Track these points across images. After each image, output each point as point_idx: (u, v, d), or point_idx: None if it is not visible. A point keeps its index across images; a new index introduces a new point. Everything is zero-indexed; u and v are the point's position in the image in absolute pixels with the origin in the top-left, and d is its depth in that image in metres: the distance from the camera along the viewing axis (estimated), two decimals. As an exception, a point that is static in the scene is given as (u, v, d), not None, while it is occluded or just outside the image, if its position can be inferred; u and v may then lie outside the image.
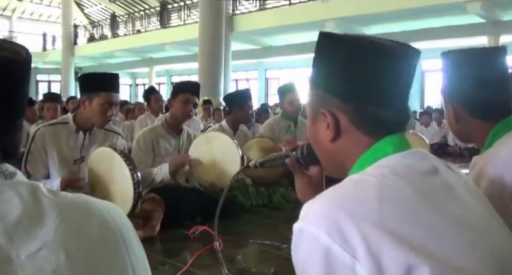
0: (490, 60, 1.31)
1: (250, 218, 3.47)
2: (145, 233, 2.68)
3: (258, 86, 20.61)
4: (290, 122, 4.47)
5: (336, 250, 0.70)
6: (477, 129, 1.30)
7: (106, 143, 2.79)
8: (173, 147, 3.41)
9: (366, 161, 0.85)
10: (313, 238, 0.72)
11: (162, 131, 3.39)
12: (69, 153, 2.70)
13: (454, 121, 1.33)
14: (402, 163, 0.82)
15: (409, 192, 0.77)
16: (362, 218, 0.71)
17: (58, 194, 0.66)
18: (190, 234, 2.84)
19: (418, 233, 0.72)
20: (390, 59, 0.86)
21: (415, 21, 12.10)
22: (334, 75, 0.89)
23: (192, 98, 3.34)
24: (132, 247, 0.68)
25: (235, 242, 2.78)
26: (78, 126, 2.72)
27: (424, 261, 0.68)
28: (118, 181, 2.43)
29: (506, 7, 10.76)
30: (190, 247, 2.68)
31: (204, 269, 2.37)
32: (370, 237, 0.69)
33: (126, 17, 21.05)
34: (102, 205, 0.69)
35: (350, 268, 0.69)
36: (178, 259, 2.48)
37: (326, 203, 0.75)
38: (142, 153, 3.28)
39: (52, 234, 0.60)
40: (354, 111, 0.86)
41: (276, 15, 13.48)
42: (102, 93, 2.62)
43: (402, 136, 0.88)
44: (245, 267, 2.31)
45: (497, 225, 0.85)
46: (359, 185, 0.79)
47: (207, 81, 11.58)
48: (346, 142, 0.88)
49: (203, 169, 3.35)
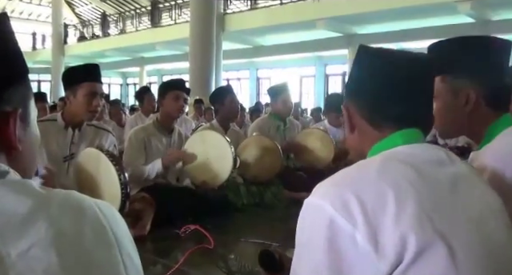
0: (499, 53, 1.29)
1: (242, 217, 3.47)
2: (135, 233, 2.66)
3: (249, 86, 20.60)
4: (280, 122, 4.48)
5: (339, 220, 0.78)
6: (485, 118, 1.27)
7: (96, 140, 2.77)
8: (164, 146, 3.40)
9: (377, 150, 0.96)
10: (319, 209, 0.82)
11: (153, 130, 3.39)
12: (58, 151, 2.67)
13: (470, 109, 1.27)
14: (407, 152, 0.91)
15: (410, 172, 0.84)
16: (363, 193, 0.80)
17: (51, 191, 0.65)
18: (181, 233, 2.83)
19: (413, 204, 0.78)
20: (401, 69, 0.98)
21: (406, 20, 12.14)
22: (353, 75, 1.06)
23: (182, 94, 3.37)
24: (125, 247, 0.68)
25: (227, 241, 2.78)
26: (66, 123, 2.70)
27: (413, 229, 0.76)
28: (104, 182, 2.41)
29: (495, 7, 10.84)
30: (182, 246, 2.67)
31: (195, 267, 2.36)
32: (370, 210, 0.78)
33: (117, 17, 20.93)
34: (95, 203, 0.68)
35: (350, 236, 0.77)
36: (169, 258, 2.47)
37: (332, 182, 0.86)
38: (135, 152, 3.27)
39: (43, 232, 0.59)
40: (364, 106, 1.00)
41: (267, 15, 13.46)
42: (84, 83, 2.60)
43: (415, 131, 0.97)
44: (237, 265, 2.31)
45: (496, 222, 0.87)
46: (363, 166, 0.90)
47: (198, 81, 11.55)
48: (358, 134, 1.03)
49: (196, 168, 3.34)
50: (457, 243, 0.77)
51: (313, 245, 0.81)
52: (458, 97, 1.27)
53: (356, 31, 13.85)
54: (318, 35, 13.82)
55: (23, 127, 0.73)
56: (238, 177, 3.99)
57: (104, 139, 2.82)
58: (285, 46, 16.05)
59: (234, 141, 4.02)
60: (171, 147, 3.42)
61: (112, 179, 2.35)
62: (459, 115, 1.29)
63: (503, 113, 1.27)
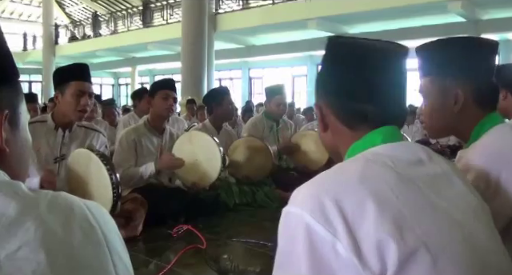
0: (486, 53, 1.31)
1: (234, 217, 3.46)
2: (127, 233, 2.65)
3: (241, 85, 20.60)
4: (273, 122, 4.49)
5: (319, 229, 0.75)
6: (473, 117, 1.28)
7: (87, 141, 2.76)
8: (155, 146, 3.39)
9: (356, 149, 0.92)
10: (298, 219, 0.78)
11: (144, 130, 3.38)
12: (48, 152, 2.66)
13: (458, 108, 1.28)
14: (387, 153, 0.87)
15: (391, 175, 0.82)
16: (342, 198, 0.77)
17: (40, 192, 0.65)
18: (174, 234, 2.82)
19: (392, 210, 0.76)
20: (372, 57, 0.94)
21: (397, 20, 12.20)
22: (323, 72, 1.01)
23: (171, 93, 3.35)
24: (114, 246, 0.68)
25: (219, 241, 2.78)
26: (56, 124, 2.68)
27: (393, 237, 0.73)
28: (96, 183, 2.41)
29: (485, 6, 10.91)
30: (174, 246, 2.67)
31: (188, 267, 2.36)
32: (350, 217, 0.75)
33: (108, 17, 20.85)
34: (83, 203, 0.68)
35: (331, 246, 0.74)
36: (161, 258, 2.46)
37: (311, 187, 0.82)
38: (125, 153, 3.26)
39: (32, 233, 0.59)
40: (336, 106, 0.96)
41: (259, 14, 13.46)
42: (72, 82, 2.59)
43: (393, 129, 0.93)
44: (230, 265, 2.31)
45: (478, 220, 0.87)
46: (343, 168, 0.86)
47: (190, 81, 11.53)
48: (331, 134, 0.99)
49: (185, 170, 3.34)
50: (439, 248, 0.75)
51: (294, 256, 0.77)
52: (447, 98, 1.28)
53: (347, 31, 13.89)
54: (309, 35, 13.84)
55: (12, 130, 0.73)
56: (230, 176, 4.00)
57: (95, 140, 2.81)
58: (277, 46, 16.07)
59: (227, 141, 4.03)
60: (162, 147, 3.41)
61: (103, 180, 2.35)
62: (448, 115, 1.30)
63: (491, 112, 1.29)
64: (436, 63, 1.31)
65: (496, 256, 0.85)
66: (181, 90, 11.39)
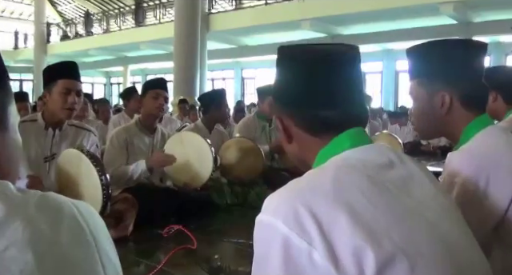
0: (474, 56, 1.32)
1: (225, 217, 3.46)
2: (117, 233, 2.64)
3: (234, 86, 20.60)
4: (265, 123, 4.48)
5: (293, 238, 0.73)
6: (462, 119, 1.29)
7: (78, 140, 2.75)
8: (147, 146, 3.38)
9: (324, 155, 0.91)
10: (271, 228, 0.75)
11: (135, 130, 3.36)
12: (39, 151, 2.64)
13: (445, 110, 1.29)
14: (357, 157, 0.86)
15: (362, 180, 0.81)
16: (316, 205, 0.75)
17: (28, 192, 0.65)
18: (164, 234, 2.81)
19: (367, 217, 0.75)
20: (324, 62, 0.92)
21: (389, 22, 12.26)
22: (277, 84, 1.00)
23: (161, 92, 3.33)
24: (103, 247, 0.68)
25: (210, 241, 2.78)
26: (46, 123, 2.66)
27: (370, 244, 0.72)
28: (86, 183, 2.39)
29: (477, 9, 10.98)
30: (165, 247, 2.66)
31: (178, 268, 2.36)
32: (324, 224, 0.73)
33: (101, 16, 20.78)
34: (72, 203, 0.68)
35: (306, 254, 0.72)
36: (152, 259, 2.46)
37: (283, 194, 0.80)
38: (116, 152, 3.24)
39: (20, 233, 0.58)
40: (297, 115, 0.94)
41: (252, 15, 13.48)
42: (60, 80, 2.57)
43: (359, 131, 0.92)
44: (221, 266, 2.31)
45: (450, 219, 0.87)
46: (315, 175, 0.85)
47: (183, 81, 11.53)
48: (297, 144, 0.97)
49: (176, 170, 3.33)
50: (417, 252, 0.75)
51: (270, 266, 0.75)
52: (434, 100, 1.29)
53: (340, 32, 13.93)
54: (302, 35, 13.86)
55: (0, 131, 0.73)
56: (221, 177, 4.00)
57: (85, 139, 2.79)
58: (270, 46, 16.01)
59: (218, 141, 4.03)
60: (154, 147, 3.40)
61: (93, 180, 2.34)
62: (435, 117, 1.31)
63: (480, 114, 1.30)
64: (423, 66, 1.32)
65: (470, 252, 0.85)
66: (173, 90, 11.37)
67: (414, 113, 1.38)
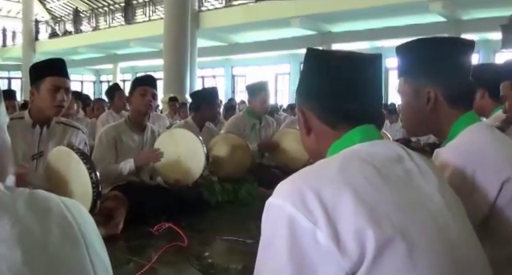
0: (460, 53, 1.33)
1: (216, 215, 3.46)
2: (107, 231, 2.63)
3: (224, 83, 20.57)
4: (256, 120, 4.48)
5: (300, 219, 0.79)
6: (448, 116, 1.31)
7: (66, 138, 2.72)
8: (136, 144, 3.36)
9: (336, 148, 0.97)
10: (280, 209, 0.82)
11: (124, 128, 3.34)
12: (26, 149, 2.61)
13: (430, 107, 1.31)
14: (365, 150, 0.92)
15: (368, 168, 0.86)
16: (322, 188, 0.81)
17: (16, 190, 0.65)
18: (155, 231, 2.81)
19: (370, 200, 0.80)
20: (346, 62, 1.01)
21: (379, 19, 12.30)
22: (304, 80, 1.08)
23: (149, 89, 3.32)
24: (92, 244, 0.68)
25: (201, 239, 2.78)
26: (34, 120, 2.64)
27: (371, 225, 0.77)
28: (75, 181, 2.38)
29: (466, 7, 11.07)
30: (155, 244, 2.65)
31: (169, 265, 2.36)
32: (329, 205, 0.79)
33: (90, 13, 20.64)
34: (61, 200, 0.68)
35: (311, 234, 0.77)
36: (142, 256, 2.45)
37: (292, 180, 0.87)
38: (104, 150, 3.22)
39: (8, 230, 0.59)
40: (319, 108, 1.02)
41: (242, 12, 13.45)
42: (47, 78, 2.54)
43: (371, 127, 0.98)
44: (212, 263, 2.31)
45: (452, 214, 0.89)
46: (324, 163, 0.91)
47: (173, 78, 11.47)
48: (315, 136, 1.04)
49: (167, 167, 3.32)
50: (415, 238, 0.78)
51: (275, 246, 0.81)
52: (420, 97, 1.31)
53: (330, 29, 13.96)
54: (292, 33, 13.87)
55: None
56: (210, 174, 3.99)
57: (74, 136, 2.77)
58: (260, 44, 16.07)
59: (209, 139, 4.02)
60: (144, 145, 3.39)
61: (83, 178, 2.32)
62: (422, 114, 1.33)
63: (467, 111, 1.31)
64: (410, 63, 1.34)
65: (468, 248, 0.88)
66: (163, 88, 11.33)
67: (401, 110, 1.41)
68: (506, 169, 1.18)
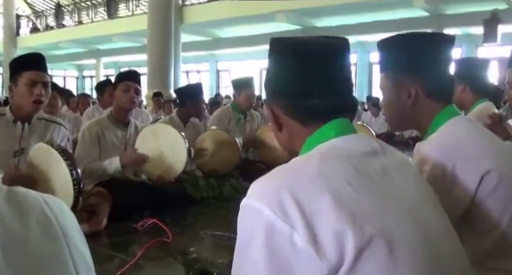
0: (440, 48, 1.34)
1: (201, 210, 3.46)
2: (91, 228, 2.61)
3: (209, 78, 20.52)
4: (241, 115, 4.49)
5: (277, 222, 0.75)
6: (428, 110, 1.32)
7: (48, 134, 2.69)
8: (120, 140, 3.34)
9: (310, 143, 0.93)
10: (255, 212, 0.78)
11: (107, 123, 3.32)
12: (7, 145, 2.58)
13: (411, 102, 1.32)
14: (341, 145, 0.89)
15: (347, 167, 0.83)
16: (300, 190, 0.78)
17: (-6, 188, 0.65)
18: (139, 227, 2.80)
19: (350, 202, 0.77)
20: (315, 54, 0.95)
21: (363, 14, 12.38)
22: (268, 74, 1.02)
23: (133, 85, 3.28)
24: (73, 240, 0.67)
25: (185, 234, 2.78)
26: (15, 117, 2.60)
27: (351, 228, 0.74)
28: (56, 178, 2.36)
29: (449, 1, 11.23)
30: (139, 240, 2.65)
31: (153, 261, 2.35)
32: (307, 208, 0.76)
33: (72, 7, 20.42)
34: (41, 197, 0.68)
35: (288, 238, 0.74)
36: (126, 253, 2.44)
37: (269, 180, 0.83)
38: (87, 146, 3.20)
39: (-13, 227, 0.58)
40: (286, 104, 0.97)
41: (226, 7, 13.41)
42: (25, 72, 2.51)
43: (345, 121, 0.95)
44: (197, 258, 2.31)
45: (429, 207, 0.90)
46: (301, 162, 0.87)
47: (157, 74, 11.43)
48: (287, 132, 1.00)
49: (150, 163, 3.30)
50: (395, 237, 0.77)
51: (251, 249, 0.78)
52: (400, 92, 1.33)
53: (314, 24, 13.99)
54: (277, 28, 13.87)
55: None
56: (197, 170, 3.99)
57: (56, 132, 2.74)
58: (244, 39, 16.04)
59: (194, 134, 4.01)
60: (127, 140, 3.36)
61: (64, 175, 2.30)
62: (403, 109, 1.34)
63: (447, 105, 1.33)
64: (390, 59, 1.36)
65: (447, 243, 0.88)
66: (147, 83, 11.28)
67: (383, 105, 1.42)
68: (486, 162, 1.20)
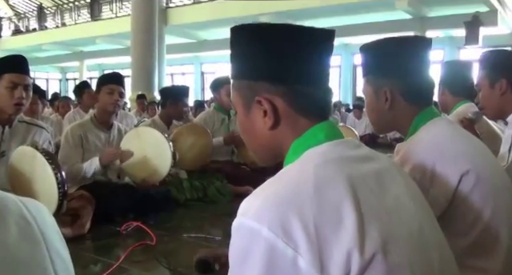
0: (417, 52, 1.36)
1: (185, 212, 3.45)
2: (74, 231, 2.59)
3: (194, 80, 20.46)
4: (224, 116, 4.49)
5: (279, 245, 0.70)
6: (406, 113, 1.35)
7: (29, 137, 2.66)
8: (103, 142, 3.31)
9: (299, 147, 0.86)
10: (254, 233, 0.71)
11: (90, 126, 3.29)
12: None
13: (388, 106, 1.34)
14: (333, 151, 0.83)
15: (342, 177, 0.78)
16: (302, 211, 0.72)
17: (-28, 191, 0.64)
18: (122, 230, 2.78)
19: (351, 220, 0.73)
20: (311, 37, 0.91)
21: (347, 16, 12.46)
22: (262, 60, 0.88)
23: (116, 88, 3.26)
24: (52, 243, 0.67)
25: (170, 237, 2.77)
26: None
27: (356, 248, 0.71)
28: (41, 181, 2.34)
29: (431, 4, 11.36)
30: (123, 243, 2.64)
31: (137, 265, 2.34)
32: (311, 230, 0.70)
33: (55, 9, 20.21)
34: (19, 200, 0.67)
35: (291, 261, 0.69)
36: (110, 256, 2.43)
37: (266, 197, 0.75)
38: (70, 149, 3.17)
39: (-36, 231, 0.58)
40: (290, 93, 0.86)
41: (211, 9, 13.39)
42: (5, 75, 2.48)
43: (332, 123, 0.89)
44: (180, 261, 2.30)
45: (423, 215, 0.89)
46: (295, 176, 0.79)
47: (141, 76, 11.35)
48: (285, 127, 0.88)
49: (134, 166, 3.29)
50: (394, 250, 0.74)
51: (248, 272, 0.72)
52: (379, 96, 1.35)
53: (299, 26, 14.03)
54: (261, 30, 13.88)
55: None
56: (181, 172, 3.97)
57: (37, 135, 2.71)
58: (229, 41, 15.99)
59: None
60: (110, 143, 3.34)
61: (48, 178, 2.28)
62: (382, 113, 1.37)
63: (426, 107, 1.35)
64: (369, 64, 1.39)
65: (440, 248, 0.88)
66: (131, 85, 11.20)
67: (366, 109, 1.45)
68: (465, 163, 1.22)
